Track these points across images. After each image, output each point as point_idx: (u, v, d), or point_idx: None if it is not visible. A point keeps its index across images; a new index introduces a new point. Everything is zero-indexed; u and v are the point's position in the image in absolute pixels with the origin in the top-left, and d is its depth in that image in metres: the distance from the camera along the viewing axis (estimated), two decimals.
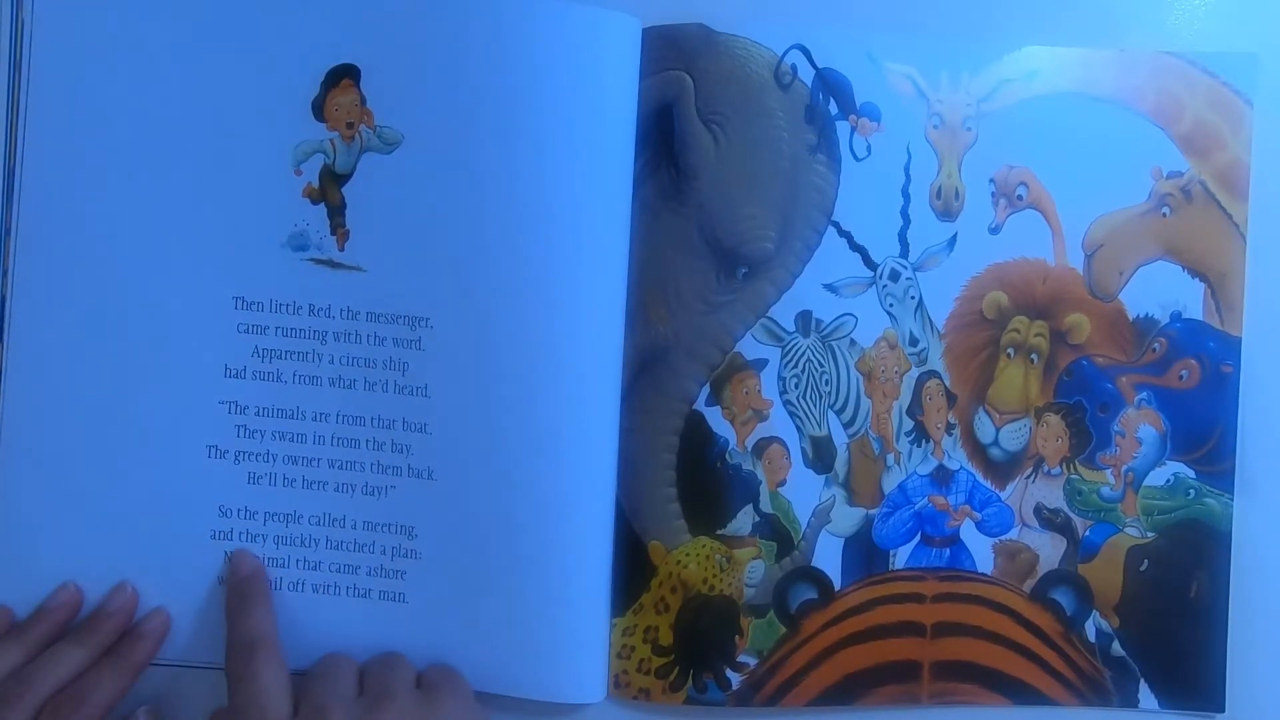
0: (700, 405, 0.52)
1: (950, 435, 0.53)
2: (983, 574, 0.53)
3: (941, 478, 0.53)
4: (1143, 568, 0.53)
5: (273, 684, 0.46)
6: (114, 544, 0.51)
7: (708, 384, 0.52)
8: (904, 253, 0.52)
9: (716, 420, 0.52)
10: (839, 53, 0.52)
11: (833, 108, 0.52)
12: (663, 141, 0.52)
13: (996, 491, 0.53)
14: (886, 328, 0.53)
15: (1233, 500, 0.53)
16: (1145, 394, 0.53)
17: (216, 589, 0.51)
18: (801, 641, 0.52)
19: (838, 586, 0.53)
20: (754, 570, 0.52)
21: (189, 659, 0.51)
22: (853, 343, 0.53)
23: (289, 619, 0.51)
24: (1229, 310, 0.53)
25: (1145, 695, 0.53)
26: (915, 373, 0.53)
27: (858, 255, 0.52)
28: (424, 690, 0.48)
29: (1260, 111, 0.53)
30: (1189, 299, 0.53)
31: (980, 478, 0.53)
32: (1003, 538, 0.53)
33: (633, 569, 0.52)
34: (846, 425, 0.53)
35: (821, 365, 0.52)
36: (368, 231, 0.50)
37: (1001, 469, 0.53)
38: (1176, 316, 0.53)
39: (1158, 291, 0.53)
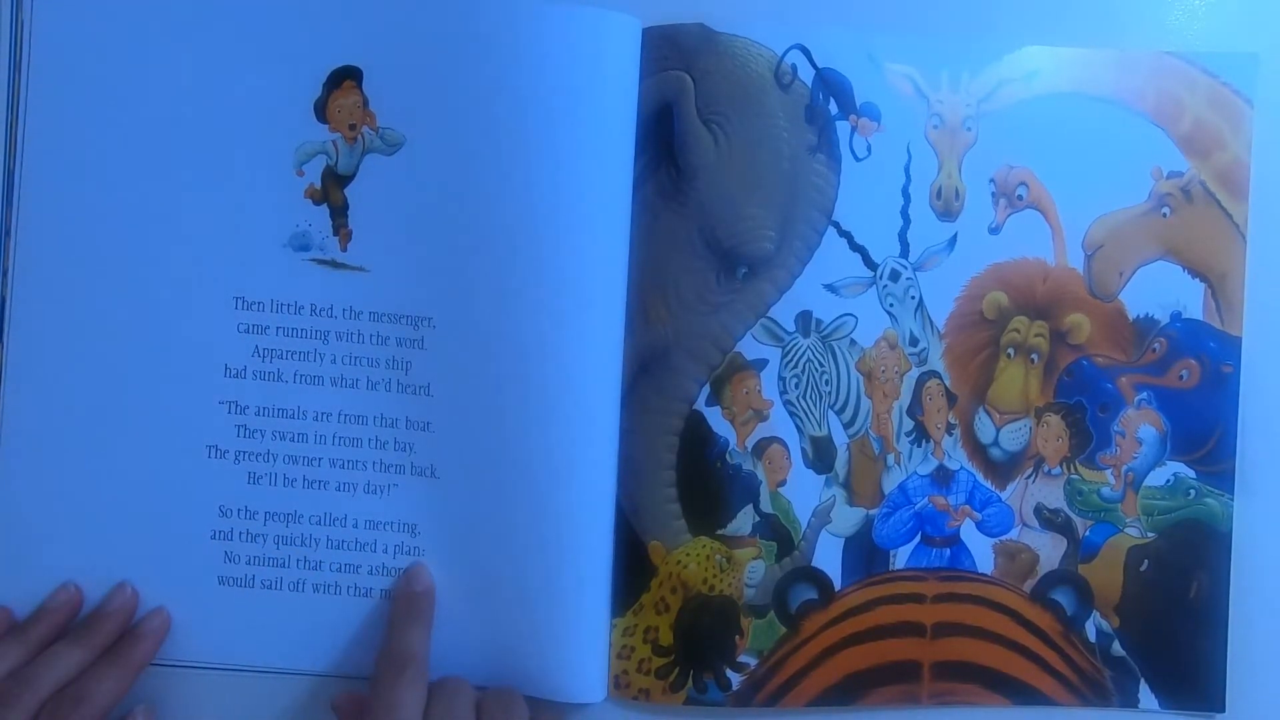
0: (700, 405, 0.52)
1: (950, 435, 0.53)
2: (983, 574, 0.53)
3: (942, 478, 0.53)
4: (1143, 568, 0.53)
5: (411, 704, 0.46)
6: (114, 544, 0.51)
7: (708, 384, 0.52)
8: (904, 253, 0.53)
9: (716, 420, 0.52)
10: (839, 53, 0.52)
11: (833, 108, 0.52)
12: (663, 141, 0.52)
13: (997, 491, 0.53)
14: (886, 328, 0.53)
15: (1233, 500, 0.53)
16: (1145, 394, 0.53)
17: (216, 589, 0.51)
18: (801, 642, 0.52)
19: (838, 587, 0.53)
20: (754, 570, 0.52)
21: (189, 659, 0.51)
22: (853, 343, 0.53)
23: (290, 620, 0.51)
24: (1229, 310, 0.53)
25: (1145, 695, 0.53)
26: (915, 373, 0.53)
27: (858, 255, 0.52)
28: None
29: (1260, 111, 0.53)
30: (1189, 299, 0.53)
31: (980, 478, 0.53)
32: (1003, 538, 0.53)
33: (633, 569, 0.52)
34: (847, 425, 0.53)
35: (821, 365, 0.52)
36: (370, 232, 0.50)
37: (1002, 469, 0.53)
38: (1176, 316, 0.53)
39: (1158, 291, 0.53)
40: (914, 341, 0.53)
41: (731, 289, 0.52)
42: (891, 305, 0.53)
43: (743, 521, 0.52)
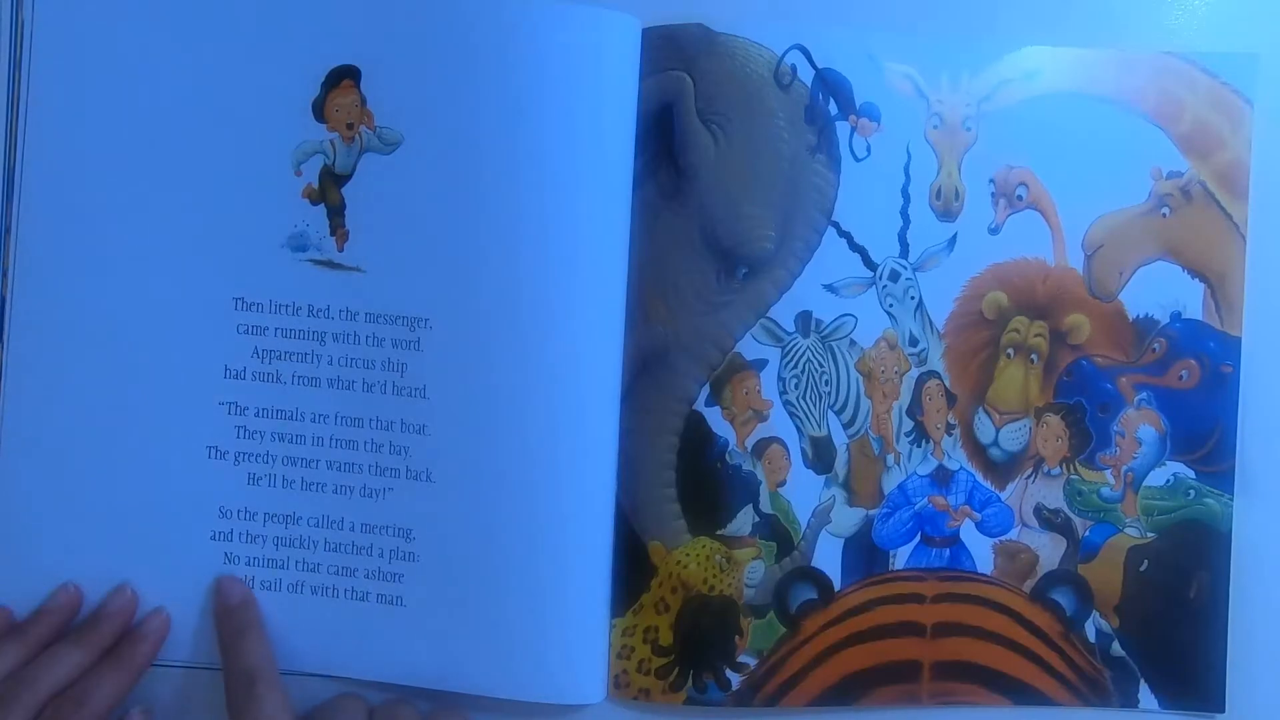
0: (700, 405, 0.52)
1: (950, 435, 0.53)
2: (983, 574, 0.53)
3: (941, 478, 0.53)
4: (1143, 568, 0.53)
5: (277, 716, 0.46)
6: (114, 544, 0.51)
7: (708, 384, 0.52)
8: (904, 253, 0.52)
9: (716, 420, 0.52)
10: (839, 53, 0.52)
11: (833, 108, 0.52)
12: (663, 141, 0.52)
13: (996, 492, 0.53)
14: (886, 328, 0.53)
15: (1233, 500, 0.53)
16: (1145, 394, 0.53)
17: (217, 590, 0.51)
18: (801, 642, 0.52)
19: (838, 587, 0.53)
20: (754, 570, 0.52)
21: (188, 659, 0.51)
22: (853, 343, 0.52)
23: (288, 621, 0.51)
24: (1229, 310, 0.53)
25: (1145, 695, 0.53)
26: (915, 373, 0.53)
27: (858, 255, 0.52)
28: None
29: (1260, 111, 0.53)
30: (1189, 299, 0.53)
31: (980, 478, 0.53)
32: (1003, 538, 0.53)
33: (633, 569, 0.52)
34: (846, 425, 0.53)
35: (821, 365, 0.52)
36: (367, 232, 0.50)
37: (1001, 469, 0.53)
38: (1176, 316, 0.53)
39: (1158, 291, 0.53)
40: (914, 342, 0.53)
41: (731, 289, 0.52)
42: (891, 305, 0.53)
43: (743, 521, 0.52)
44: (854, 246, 0.52)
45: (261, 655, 0.49)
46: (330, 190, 0.51)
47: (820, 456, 0.53)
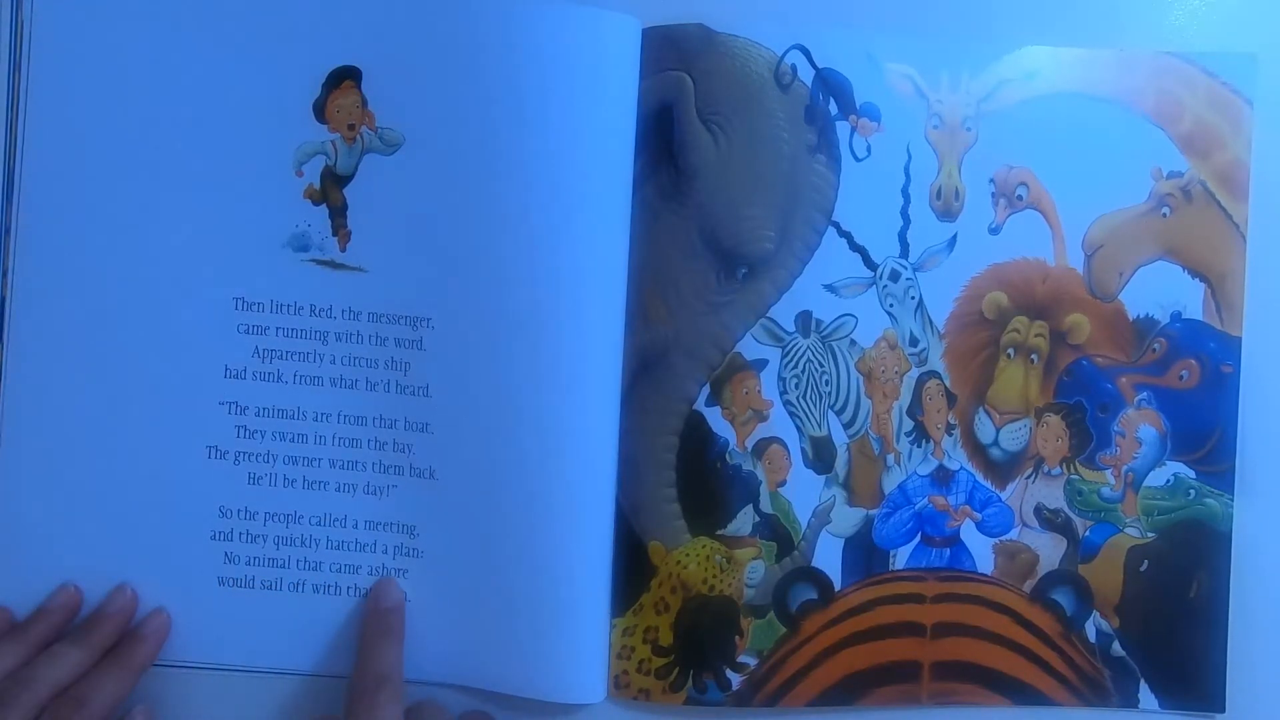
0: (700, 405, 0.52)
1: (950, 435, 0.53)
2: (983, 574, 0.53)
3: (941, 478, 0.53)
4: (1143, 568, 0.53)
5: None
6: (114, 544, 0.51)
7: (708, 384, 0.52)
8: (904, 253, 0.52)
9: (716, 420, 0.52)
10: (839, 53, 0.52)
11: (833, 108, 0.52)
12: (663, 141, 0.52)
13: (996, 492, 0.53)
14: (886, 328, 0.53)
15: (1233, 500, 0.53)
16: (1145, 394, 0.53)
17: (216, 589, 0.51)
18: (801, 642, 0.52)
19: (838, 587, 0.53)
20: (754, 570, 0.52)
21: (189, 659, 0.51)
22: (853, 343, 0.53)
23: (290, 621, 0.51)
24: (1229, 310, 0.53)
25: (1145, 695, 0.53)
26: (915, 373, 0.53)
27: (858, 255, 0.52)
28: None
29: (1260, 111, 0.53)
30: (1189, 299, 0.53)
31: (980, 478, 0.53)
32: (1003, 538, 0.53)
33: (633, 569, 0.52)
34: (846, 425, 0.53)
35: (821, 365, 0.52)
36: (369, 232, 0.50)
37: (1001, 469, 0.53)
38: (1176, 316, 0.53)
39: (1158, 291, 0.53)
40: (914, 341, 0.53)
41: (731, 289, 0.52)
42: (891, 305, 0.53)
43: (743, 521, 0.52)
44: (854, 246, 0.52)
45: (395, 664, 0.49)
46: (332, 191, 0.51)
47: (820, 456, 0.53)
